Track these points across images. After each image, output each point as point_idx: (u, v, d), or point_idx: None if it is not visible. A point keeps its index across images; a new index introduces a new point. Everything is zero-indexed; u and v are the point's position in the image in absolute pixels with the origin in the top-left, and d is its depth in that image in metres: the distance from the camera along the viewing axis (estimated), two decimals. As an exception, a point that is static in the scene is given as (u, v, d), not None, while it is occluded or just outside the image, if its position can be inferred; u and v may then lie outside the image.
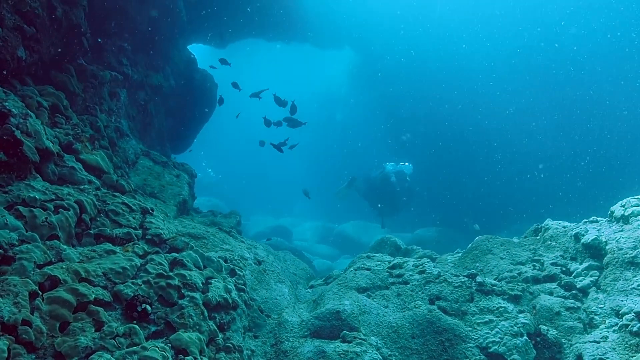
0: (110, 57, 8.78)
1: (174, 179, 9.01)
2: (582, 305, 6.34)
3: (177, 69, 12.50)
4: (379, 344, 5.75)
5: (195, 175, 9.98)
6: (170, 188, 8.73)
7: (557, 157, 21.98)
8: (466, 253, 8.21)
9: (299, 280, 8.05)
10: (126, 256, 4.75)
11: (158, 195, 8.39)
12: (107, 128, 7.83)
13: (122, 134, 8.49)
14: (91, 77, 7.79)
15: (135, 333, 4.07)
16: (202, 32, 15.44)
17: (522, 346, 5.72)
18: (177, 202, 8.55)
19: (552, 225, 8.01)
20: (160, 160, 9.19)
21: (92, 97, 7.79)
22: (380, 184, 21.58)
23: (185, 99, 12.99)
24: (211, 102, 14.51)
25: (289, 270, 8.02)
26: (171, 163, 9.43)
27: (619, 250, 6.52)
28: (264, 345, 5.70)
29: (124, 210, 5.49)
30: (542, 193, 21.15)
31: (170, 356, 4.05)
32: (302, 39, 22.08)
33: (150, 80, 10.80)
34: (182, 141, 14.12)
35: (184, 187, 9.00)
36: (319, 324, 5.82)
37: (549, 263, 7.23)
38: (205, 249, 6.19)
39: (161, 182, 8.71)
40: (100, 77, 7.97)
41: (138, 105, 10.36)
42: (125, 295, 4.34)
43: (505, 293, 6.59)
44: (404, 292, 6.78)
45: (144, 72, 10.57)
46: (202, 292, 4.92)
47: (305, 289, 7.81)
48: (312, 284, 8.14)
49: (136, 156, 8.79)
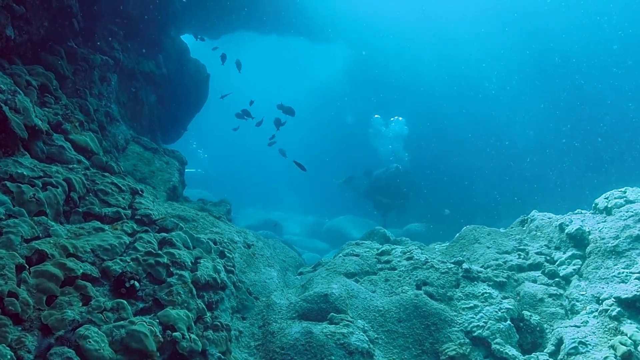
0: (102, 41, 8.75)
1: (164, 166, 9.01)
2: (565, 293, 6.44)
3: (169, 58, 12.47)
4: (365, 327, 5.82)
5: (186, 162, 9.99)
6: (160, 174, 8.73)
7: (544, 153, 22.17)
8: (453, 242, 8.30)
9: (288, 267, 8.09)
10: (115, 234, 4.77)
11: (148, 181, 8.40)
12: (97, 112, 7.81)
13: (112, 119, 8.47)
14: (81, 60, 7.77)
15: (123, 308, 4.09)
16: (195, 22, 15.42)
17: (506, 330, 5.81)
18: (167, 188, 8.57)
19: (538, 216, 8.11)
20: (151, 146, 9.19)
21: (82, 81, 7.77)
22: (388, 179, 21.23)
23: (177, 87, 12.95)
24: (203, 92, 14.49)
25: (278, 257, 8.06)
26: (161, 150, 9.44)
27: (601, 240, 6.63)
28: (252, 326, 5.74)
29: (113, 190, 5.50)
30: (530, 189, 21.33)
31: (158, 331, 4.08)
32: (296, 32, 22.09)
33: (142, 67, 10.77)
34: (173, 130, 14.08)
35: (174, 173, 9.01)
36: (307, 307, 5.87)
37: (534, 252, 7.34)
38: (194, 231, 6.21)
39: (151, 168, 8.71)
40: (91, 61, 7.95)
41: (129, 91, 10.34)
42: (114, 271, 4.36)
43: (491, 280, 6.69)
44: (392, 278, 6.86)
45: (136, 58, 10.54)
46: (190, 270, 4.95)
47: (294, 276, 7.86)
48: (301, 270, 8.19)
49: (126, 142, 8.78)
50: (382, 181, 21.51)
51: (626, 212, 6.96)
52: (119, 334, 3.85)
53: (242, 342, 5.48)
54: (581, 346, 5.23)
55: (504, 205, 20.92)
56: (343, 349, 5.18)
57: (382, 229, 11.11)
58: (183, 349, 4.23)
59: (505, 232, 8.26)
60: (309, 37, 24.13)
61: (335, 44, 28.04)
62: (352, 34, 25.96)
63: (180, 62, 13.01)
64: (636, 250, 6.29)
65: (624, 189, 7.74)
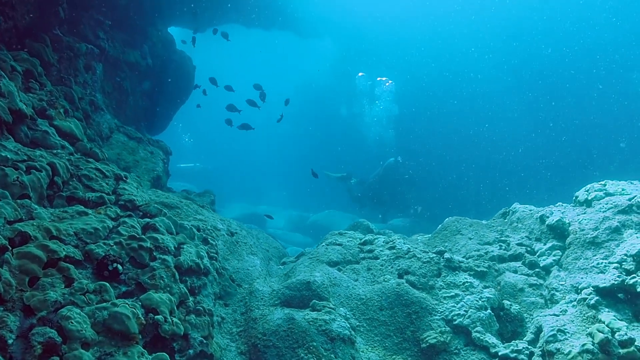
0: (87, 29, 8.69)
1: (148, 155, 8.98)
2: (545, 283, 6.55)
3: (155, 49, 12.40)
4: (347, 315, 5.87)
5: (170, 152, 9.96)
6: (144, 163, 8.71)
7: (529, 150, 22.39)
8: (436, 233, 8.39)
9: (271, 257, 8.12)
10: (98, 218, 4.77)
11: (132, 170, 8.37)
12: (81, 100, 7.77)
13: (96, 108, 8.43)
14: (67, 48, 7.72)
15: (106, 290, 4.10)
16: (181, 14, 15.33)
17: (486, 319, 5.90)
18: (151, 177, 8.54)
19: (520, 208, 8.23)
20: (135, 136, 9.16)
21: (67, 69, 7.72)
22: (386, 175, 20.48)
23: (162, 79, 12.89)
24: (189, 83, 14.44)
25: (261, 247, 8.08)
26: (146, 139, 9.40)
27: (581, 231, 6.74)
28: (235, 313, 5.77)
29: (97, 175, 5.49)
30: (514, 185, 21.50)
31: (140, 314, 4.09)
32: (282, 27, 22.03)
33: (127, 57, 10.70)
34: (158, 121, 14.00)
35: (159, 163, 8.99)
36: (290, 294, 5.91)
37: (515, 243, 7.45)
38: (178, 217, 6.21)
39: (135, 157, 8.68)
40: (76, 49, 7.90)
41: (114, 81, 10.28)
42: (97, 254, 4.36)
43: (472, 269, 6.78)
44: (374, 267, 6.92)
45: (121, 48, 10.48)
46: (174, 255, 4.96)
47: (278, 266, 7.89)
48: (284, 260, 8.23)
49: (110, 130, 8.74)
50: (383, 176, 20.62)
51: (605, 204, 7.09)
52: (101, 315, 3.86)
53: (224, 328, 5.51)
54: (560, 334, 5.33)
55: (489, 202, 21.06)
56: (325, 335, 5.23)
57: (365, 221, 11.17)
58: (165, 332, 4.26)
59: (487, 224, 8.37)
60: (296, 32, 24.10)
61: (322, 39, 28.06)
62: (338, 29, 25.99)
63: (165, 54, 12.95)
64: (615, 241, 6.41)
65: (604, 182, 7.88)
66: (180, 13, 14.95)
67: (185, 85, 14.36)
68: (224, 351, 5.20)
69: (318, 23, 23.60)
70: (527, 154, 22.36)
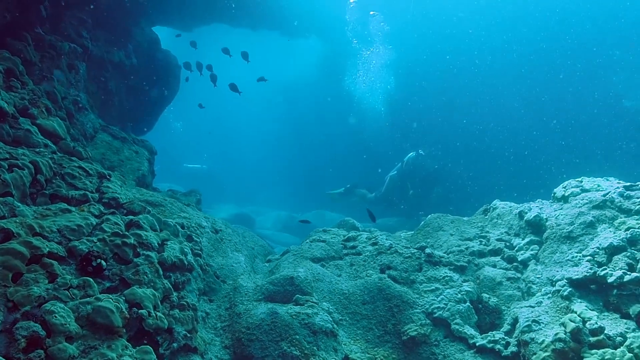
0: (70, 28, 8.70)
1: (133, 155, 9.02)
2: (522, 276, 6.71)
3: (139, 48, 12.41)
4: (330, 309, 5.98)
5: (155, 152, 10.00)
6: (129, 163, 8.74)
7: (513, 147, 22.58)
8: (418, 230, 8.53)
9: (256, 254, 8.20)
10: (81, 215, 4.83)
11: (116, 169, 8.40)
12: (64, 99, 7.79)
13: (80, 107, 8.45)
14: (49, 47, 7.73)
15: (90, 285, 4.16)
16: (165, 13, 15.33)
17: (465, 312, 6.05)
18: (136, 177, 8.58)
19: (500, 204, 8.41)
20: (120, 135, 9.18)
21: (49, 68, 7.73)
22: (409, 171, 18.97)
23: (147, 78, 12.90)
24: (174, 83, 14.45)
25: (247, 244, 8.16)
26: (130, 139, 9.43)
27: (557, 226, 6.92)
28: (219, 308, 5.85)
29: (80, 174, 5.54)
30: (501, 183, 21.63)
31: (124, 308, 4.17)
32: (269, 26, 22.07)
33: (111, 57, 10.72)
34: (143, 121, 14.01)
35: (144, 162, 9.02)
36: (273, 289, 6.01)
37: (495, 239, 7.61)
38: (162, 215, 6.27)
39: (120, 157, 8.71)
40: (59, 48, 7.91)
41: (98, 81, 10.29)
42: (80, 251, 4.42)
43: (452, 264, 6.93)
44: (357, 262, 7.05)
45: (105, 47, 10.49)
46: (157, 252, 5.03)
47: (263, 263, 7.98)
48: (269, 258, 8.31)
49: (95, 130, 8.76)
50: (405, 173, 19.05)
51: (581, 200, 7.27)
52: (85, 309, 3.93)
53: (209, 323, 5.59)
54: (534, 324, 5.48)
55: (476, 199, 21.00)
56: (307, 328, 5.34)
57: (351, 219, 11.29)
58: (149, 326, 4.33)
59: (468, 220, 8.53)
60: (282, 32, 24.15)
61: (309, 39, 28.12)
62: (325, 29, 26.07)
63: (150, 53, 12.96)
64: (589, 235, 6.58)
65: (581, 178, 8.07)
66: (165, 12, 14.96)
67: (171, 85, 14.36)
68: (208, 345, 5.28)
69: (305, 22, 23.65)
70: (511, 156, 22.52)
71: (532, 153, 22.11)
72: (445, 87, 24.92)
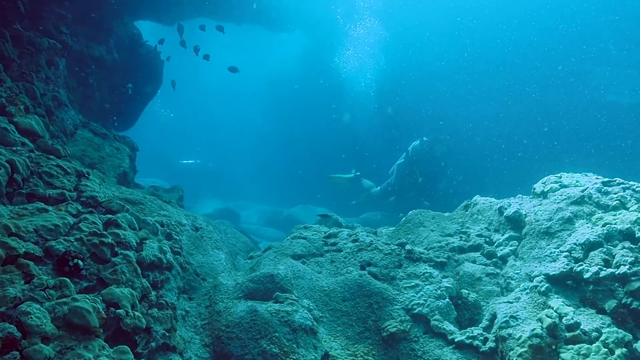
0: (49, 24, 8.61)
1: (114, 151, 8.97)
2: (501, 272, 6.80)
3: (121, 43, 12.30)
4: (310, 306, 6.01)
5: (137, 148, 9.94)
6: (110, 160, 8.69)
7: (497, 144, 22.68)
8: (400, 226, 8.59)
9: (238, 251, 8.21)
10: (59, 214, 4.80)
11: (97, 166, 8.35)
12: (43, 96, 7.71)
13: (60, 104, 8.37)
14: (28, 44, 7.65)
15: (66, 285, 4.15)
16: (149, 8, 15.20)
17: (444, 307, 6.11)
18: (117, 173, 8.53)
19: (480, 200, 8.49)
20: (101, 132, 9.12)
21: (28, 64, 7.66)
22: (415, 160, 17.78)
23: (130, 74, 12.79)
24: (157, 78, 14.34)
25: (228, 241, 8.16)
26: (111, 135, 9.36)
27: (536, 222, 7.01)
28: (199, 306, 5.86)
29: (58, 172, 5.50)
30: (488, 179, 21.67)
31: (101, 308, 4.16)
32: (253, 21, 21.97)
33: (92, 52, 10.62)
34: (126, 117, 13.90)
35: (125, 159, 8.97)
36: (253, 287, 6.02)
37: (475, 234, 7.69)
38: (142, 213, 6.25)
39: (101, 154, 8.65)
40: (38, 44, 7.83)
41: (79, 76, 10.19)
42: (57, 250, 4.40)
43: (432, 260, 6.99)
44: (337, 259, 7.09)
45: (86, 43, 10.39)
46: (136, 251, 5.02)
47: (245, 260, 7.99)
48: (251, 255, 8.33)
49: (75, 127, 8.69)
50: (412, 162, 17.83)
51: (560, 196, 7.37)
52: (61, 310, 3.92)
53: (188, 321, 5.60)
54: (512, 320, 5.56)
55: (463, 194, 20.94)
56: (287, 326, 5.36)
57: (334, 215, 11.35)
58: (127, 325, 4.33)
59: (449, 216, 8.60)
60: (266, 26, 24.05)
61: (294, 34, 28.05)
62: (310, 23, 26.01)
63: (133, 48, 12.85)
64: (567, 231, 6.68)
65: (560, 174, 8.18)
66: (148, 6, 14.83)
67: (154, 80, 14.26)
68: (188, 343, 5.29)
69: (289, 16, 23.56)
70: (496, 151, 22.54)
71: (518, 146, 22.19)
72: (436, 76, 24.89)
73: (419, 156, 17.70)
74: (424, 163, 17.62)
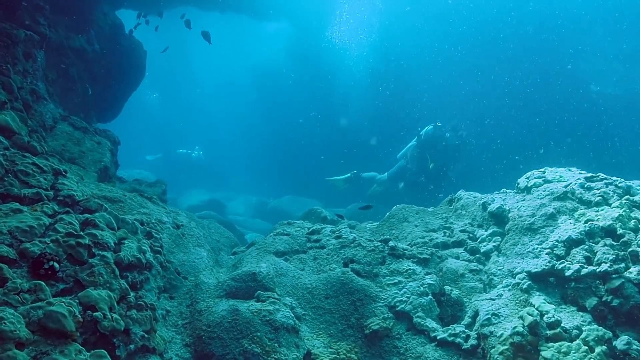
0: (25, 15, 8.39)
1: (95, 145, 8.82)
2: (484, 268, 6.81)
3: (102, 33, 12.08)
4: (293, 304, 5.98)
5: (119, 142, 9.79)
6: (90, 154, 8.54)
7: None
8: (384, 221, 8.57)
9: (221, 247, 8.15)
10: (34, 215, 4.69)
11: (78, 161, 8.21)
12: (21, 90, 7.54)
13: (38, 97, 8.19)
14: (3, 36, 7.46)
15: (41, 289, 4.06)
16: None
17: (427, 304, 6.11)
18: (98, 168, 8.40)
19: (464, 195, 8.49)
20: (81, 125, 8.95)
21: (4, 57, 7.47)
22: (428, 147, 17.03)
23: (111, 65, 12.58)
24: (140, 69, 14.14)
25: (211, 237, 8.09)
26: (92, 129, 9.20)
27: (519, 218, 7.02)
28: (180, 305, 5.80)
29: (34, 171, 5.38)
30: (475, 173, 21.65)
31: (77, 311, 4.08)
32: (238, 9, 21.71)
33: (72, 43, 10.40)
34: (108, 109, 13.70)
35: (106, 153, 8.83)
36: (235, 285, 5.97)
37: (458, 230, 7.69)
38: (121, 212, 6.15)
39: (81, 148, 8.50)
40: (14, 36, 7.64)
41: (58, 68, 9.99)
42: (32, 253, 4.31)
43: (415, 257, 6.98)
44: (320, 256, 7.05)
45: (65, 34, 10.17)
46: (114, 251, 4.94)
47: (228, 256, 7.93)
48: (235, 250, 8.27)
49: (54, 121, 8.52)
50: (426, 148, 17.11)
51: (543, 192, 7.39)
52: (36, 315, 3.84)
53: (169, 321, 5.54)
54: (494, 317, 5.57)
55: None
56: (269, 325, 5.33)
57: (319, 208, 11.31)
58: (105, 328, 4.26)
59: (433, 211, 8.60)
60: (252, 15, 23.80)
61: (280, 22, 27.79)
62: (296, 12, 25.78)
63: (114, 38, 12.63)
64: (550, 227, 6.70)
65: (544, 169, 8.20)
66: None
67: (137, 71, 14.06)
68: (168, 344, 5.23)
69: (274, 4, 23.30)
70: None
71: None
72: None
73: (431, 142, 17.01)
74: (435, 149, 16.93)
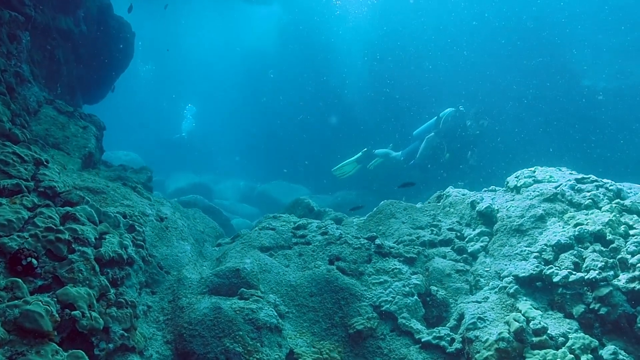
0: (10, -5, 8.16)
1: (80, 130, 8.63)
2: (471, 269, 6.77)
3: (90, 14, 11.81)
4: (277, 302, 5.91)
5: (104, 127, 9.59)
6: (75, 140, 8.36)
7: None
8: (371, 217, 8.50)
9: (206, 238, 8.04)
10: (13, 208, 4.56)
11: (62, 146, 8.03)
12: (4, 72, 7.33)
13: (22, 80, 7.98)
14: (-14, 17, 7.24)
15: (18, 287, 3.95)
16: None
17: (412, 305, 6.07)
18: (82, 154, 8.23)
19: (453, 192, 8.43)
20: (66, 110, 8.75)
21: (-13, 38, 7.26)
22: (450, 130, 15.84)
23: (99, 46, 12.33)
24: (128, 51, 13.88)
25: (196, 228, 7.98)
26: (77, 114, 8.99)
27: (507, 218, 6.98)
28: (162, 301, 5.71)
29: (14, 160, 5.23)
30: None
31: (55, 310, 3.97)
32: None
33: (59, 24, 10.14)
34: (96, 91, 13.46)
35: (91, 139, 8.65)
36: (218, 282, 5.88)
37: (446, 228, 7.64)
38: (104, 204, 6.03)
39: (65, 133, 8.32)
40: (-2, 17, 7.41)
41: (44, 50, 9.74)
42: (10, 248, 4.19)
43: (402, 255, 6.93)
44: (306, 253, 6.97)
45: (52, 14, 9.91)
46: (94, 247, 4.82)
47: (213, 247, 7.84)
48: (219, 242, 8.17)
49: (39, 104, 8.32)
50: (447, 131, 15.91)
51: (533, 192, 7.34)
52: (12, 314, 3.73)
53: (150, 316, 5.45)
54: (479, 321, 5.53)
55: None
56: (251, 324, 5.25)
57: (306, 198, 11.21)
58: (83, 327, 4.16)
59: (420, 208, 8.53)
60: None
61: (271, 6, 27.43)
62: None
63: (102, 19, 12.36)
64: (538, 229, 6.66)
65: (534, 168, 8.15)
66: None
67: (125, 52, 13.79)
68: (149, 341, 5.15)
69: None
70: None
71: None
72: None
73: (450, 127, 15.91)
74: (453, 136, 15.88)
